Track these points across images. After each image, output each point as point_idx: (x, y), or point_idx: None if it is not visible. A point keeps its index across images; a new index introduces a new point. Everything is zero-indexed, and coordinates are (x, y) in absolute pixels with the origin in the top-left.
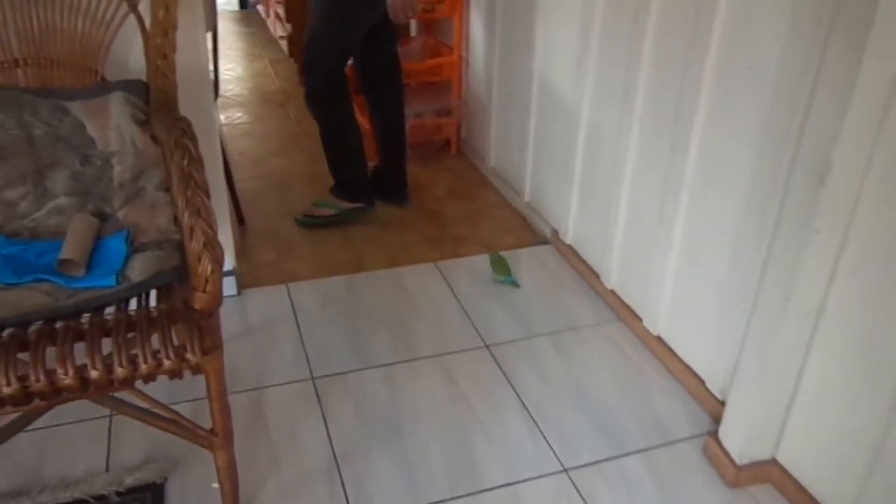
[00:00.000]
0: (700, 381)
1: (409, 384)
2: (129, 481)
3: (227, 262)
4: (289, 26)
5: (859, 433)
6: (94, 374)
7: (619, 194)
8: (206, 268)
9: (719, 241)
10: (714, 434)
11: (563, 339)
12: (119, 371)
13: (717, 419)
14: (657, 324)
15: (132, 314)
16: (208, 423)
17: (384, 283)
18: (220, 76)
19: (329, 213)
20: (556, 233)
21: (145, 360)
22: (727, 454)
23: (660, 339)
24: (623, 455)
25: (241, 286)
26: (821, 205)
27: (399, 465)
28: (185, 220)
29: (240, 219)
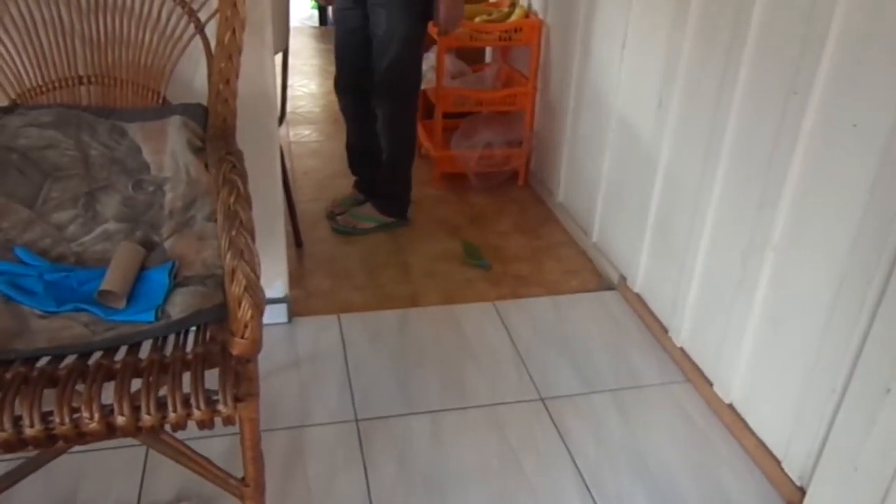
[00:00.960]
0: (775, 460)
1: (456, 436)
2: None
3: (280, 288)
4: None
5: None
6: (120, 420)
7: (697, 247)
8: (245, 313)
9: (808, 311)
10: None
11: (626, 398)
12: (146, 419)
13: None
14: (730, 391)
15: (166, 356)
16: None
17: (438, 321)
18: (293, 92)
19: (370, 226)
20: (623, 279)
21: (174, 409)
22: None
23: (732, 407)
24: None
25: (292, 314)
26: None
27: None
28: (227, 261)
29: (297, 242)
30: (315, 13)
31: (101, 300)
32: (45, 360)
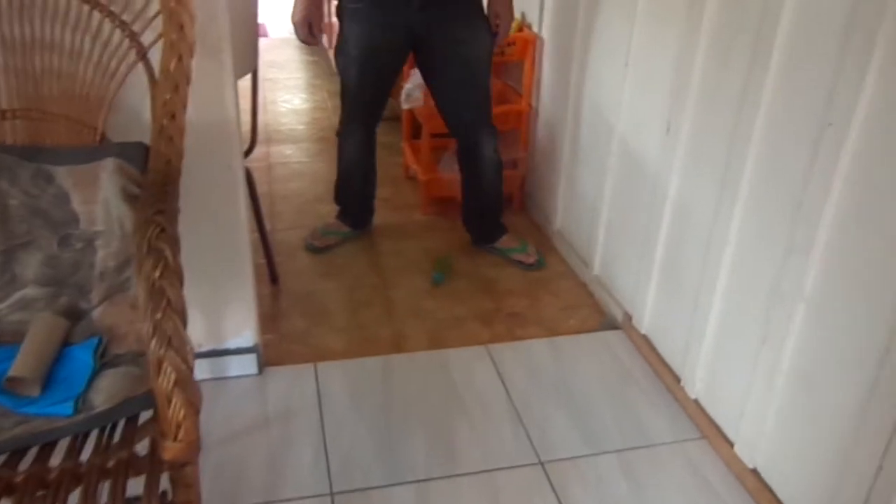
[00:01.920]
0: None
1: None
2: None
3: (249, 337)
4: None
5: None
6: None
7: (712, 289)
8: (177, 412)
9: (848, 371)
10: None
11: (634, 460)
12: None
13: None
14: (754, 453)
15: (81, 464)
16: None
17: (425, 369)
18: (276, 109)
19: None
20: (628, 317)
21: None
22: None
23: (756, 473)
24: None
25: (263, 363)
26: None
27: None
28: (152, 350)
29: (273, 277)
30: None
31: (10, 388)
32: None
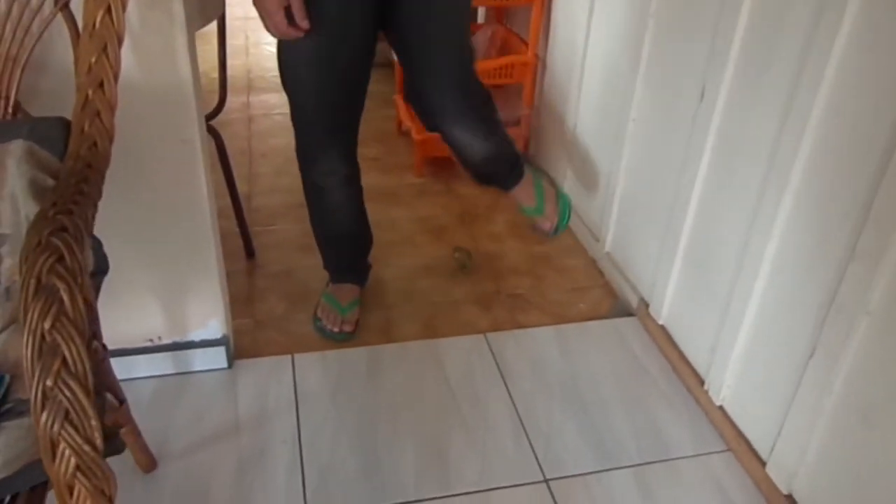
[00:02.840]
0: None
1: None
2: None
3: (216, 328)
4: None
5: None
6: None
7: (749, 286)
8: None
9: None
10: None
11: (651, 477)
12: None
13: None
14: (791, 479)
15: None
16: None
17: (417, 362)
18: (260, 52)
19: (552, 206)
20: (644, 304)
21: None
22: None
23: (792, 499)
24: None
25: (233, 355)
26: None
27: None
28: (43, 426)
29: (248, 251)
30: None
31: None
32: None
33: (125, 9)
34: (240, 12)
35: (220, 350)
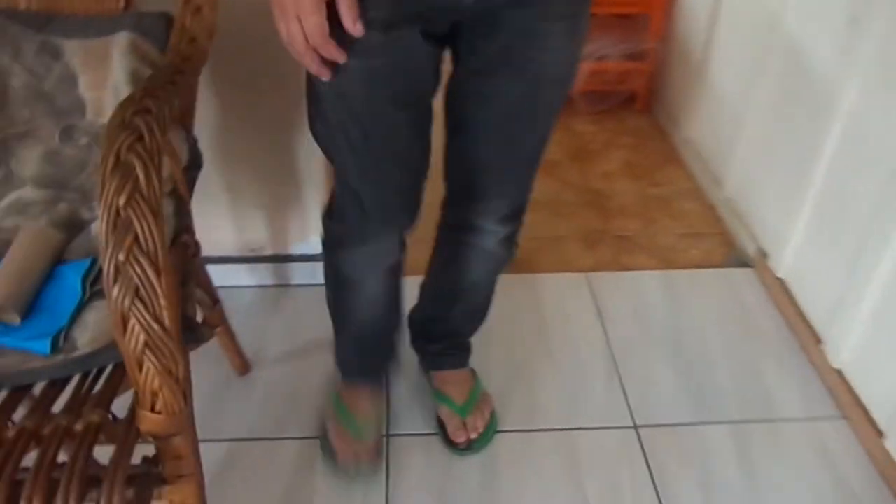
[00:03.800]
0: None
1: (513, 467)
2: None
3: (317, 243)
4: None
5: None
6: None
7: (886, 240)
8: (150, 380)
9: None
10: None
11: (751, 435)
12: None
13: None
14: None
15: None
16: None
17: (513, 296)
18: None
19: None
20: (763, 255)
21: None
22: None
23: None
24: None
25: None
26: None
27: None
28: (114, 300)
29: None
30: None
31: None
32: None
33: None
34: None
35: (319, 265)
